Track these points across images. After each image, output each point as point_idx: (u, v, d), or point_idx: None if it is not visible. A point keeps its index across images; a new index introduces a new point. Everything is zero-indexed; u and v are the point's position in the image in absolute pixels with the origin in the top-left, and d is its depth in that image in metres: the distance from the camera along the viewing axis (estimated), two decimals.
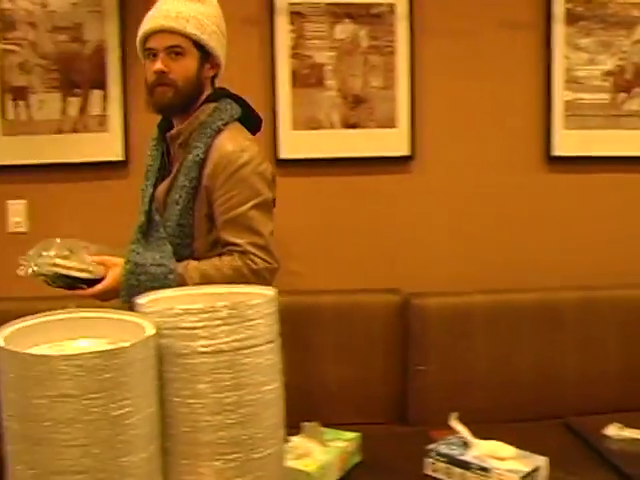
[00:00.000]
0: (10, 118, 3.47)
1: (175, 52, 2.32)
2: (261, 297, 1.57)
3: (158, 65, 2.31)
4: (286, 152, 3.50)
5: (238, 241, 2.32)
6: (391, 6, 3.50)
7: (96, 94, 3.47)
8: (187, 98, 2.37)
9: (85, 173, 3.51)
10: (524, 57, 3.60)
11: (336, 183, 3.56)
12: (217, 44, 2.44)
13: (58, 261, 2.24)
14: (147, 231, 2.39)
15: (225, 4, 3.31)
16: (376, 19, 3.51)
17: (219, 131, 2.36)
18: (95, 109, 3.47)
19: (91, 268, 2.28)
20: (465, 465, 2.06)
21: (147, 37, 2.34)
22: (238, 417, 1.51)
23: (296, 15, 3.47)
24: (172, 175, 2.38)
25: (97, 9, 3.43)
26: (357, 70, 3.51)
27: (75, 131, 3.48)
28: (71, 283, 2.24)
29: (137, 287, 2.19)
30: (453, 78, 3.56)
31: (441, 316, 3.37)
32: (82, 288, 2.25)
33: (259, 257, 2.34)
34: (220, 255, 2.33)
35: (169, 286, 2.10)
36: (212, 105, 2.42)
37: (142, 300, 1.59)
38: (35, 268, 2.21)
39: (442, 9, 3.53)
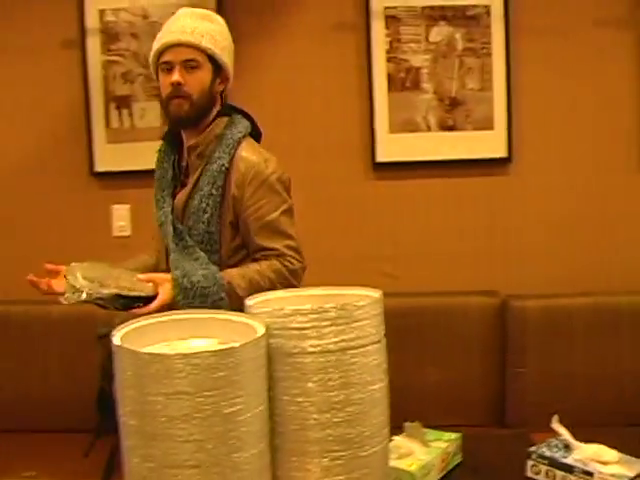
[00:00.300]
0: (114, 127, 3.61)
1: (191, 66, 2.38)
2: (368, 299, 1.60)
3: (175, 77, 2.36)
4: (383, 155, 3.54)
5: (274, 245, 2.42)
6: (486, 7, 3.50)
7: None
8: (201, 110, 2.43)
9: None
10: (623, 55, 3.54)
11: (433, 186, 3.57)
12: (228, 59, 2.48)
13: (111, 282, 2.23)
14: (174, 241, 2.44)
15: (322, 9, 3.40)
16: (472, 21, 3.51)
17: (239, 143, 2.44)
18: None
19: (141, 286, 2.28)
20: (567, 468, 2.05)
21: (162, 51, 2.40)
22: (345, 415, 1.54)
23: (392, 19, 3.50)
24: (192, 184, 2.44)
25: None
26: (453, 72, 3.52)
27: None
28: (127, 303, 2.23)
29: (191, 300, 2.27)
30: (550, 78, 3.53)
31: (539, 318, 3.36)
32: (139, 306, 2.24)
33: (295, 258, 2.44)
34: (255, 260, 2.43)
35: (219, 297, 2.28)
36: (225, 119, 2.49)
37: (251, 301, 1.63)
38: (89, 292, 2.16)
39: (538, 8, 3.51)
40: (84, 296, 2.14)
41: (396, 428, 2.10)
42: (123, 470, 1.49)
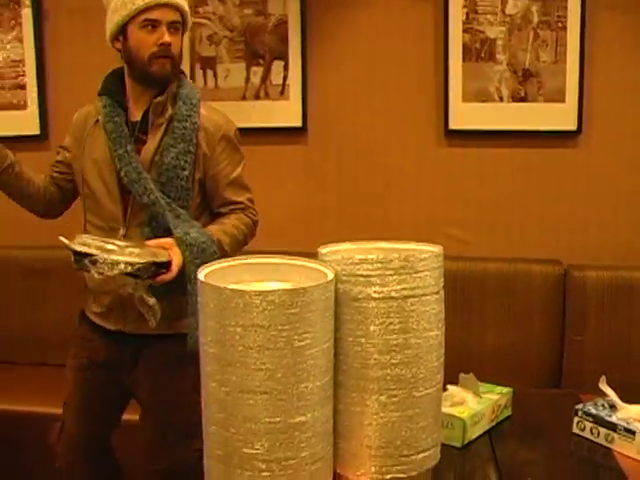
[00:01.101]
0: (199, 86, 3.74)
1: (175, 27, 2.42)
2: (429, 252, 1.74)
3: (167, 37, 2.38)
4: (456, 123, 3.64)
5: (240, 199, 2.59)
6: None
7: (278, 64, 3.73)
8: (178, 71, 2.50)
9: (266, 137, 3.76)
10: None
11: (503, 155, 3.67)
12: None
13: (136, 251, 2.26)
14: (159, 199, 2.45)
15: None
16: None
17: (198, 102, 2.53)
18: (277, 78, 3.74)
19: (158, 253, 2.31)
20: (611, 426, 2.17)
21: (147, 9, 2.36)
22: (403, 357, 1.69)
23: None
24: (157, 140, 2.46)
25: None
26: (527, 45, 3.59)
27: (258, 98, 3.76)
28: (155, 270, 2.26)
29: (195, 257, 2.36)
30: (624, 54, 3.57)
31: (600, 288, 3.44)
32: (164, 273, 2.30)
33: (254, 210, 2.66)
34: (222, 214, 2.58)
35: (213, 251, 2.40)
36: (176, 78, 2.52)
37: (323, 250, 1.79)
38: (128, 262, 2.18)
39: None
40: (122, 267, 2.17)
41: (453, 383, 2.25)
42: (202, 396, 1.67)
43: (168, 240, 2.36)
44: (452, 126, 3.65)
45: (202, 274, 1.65)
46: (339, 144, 3.76)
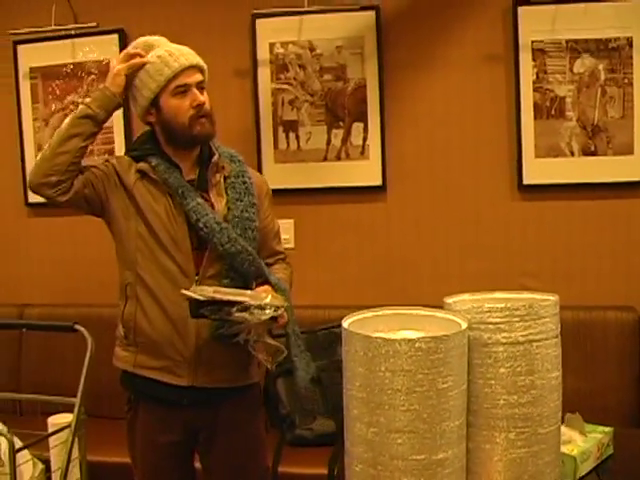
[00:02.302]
0: (282, 148, 3.99)
1: (202, 87, 2.48)
2: (550, 300, 1.90)
3: (202, 97, 2.45)
4: (529, 178, 3.81)
5: (282, 250, 2.78)
6: (628, 39, 3.73)
7: (357, 126, 3.94)
8: (215, 127, 2.53)
9: (347, 196, 3.97)
10: None
11: (575, 207, 3.82)
12: None
13: (261, 295, 2.34)
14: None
15: (474, 43, 3.73)
16: (614, 52, 3.75)
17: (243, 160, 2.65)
18: (357, 139, 3.95)
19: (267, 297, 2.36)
20: None
21: (175, 76, 2.42)
22: (529, 397, 1.84)
23: (538, 52, 3.77)
24: (224, 196, 2.53)
25: (359, 51, 3.90)
26: (595, 101, 3.76)
27: (339, 159, 3.96)
28: (278, 316, 2.35)
29: (288, 305, 2.48)
30: None
31: None
32: (281, 316, 2.39)
33: (288, 259, 2.81)
34: (271, 264, 2.68)
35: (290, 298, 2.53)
36: None
37: (450, 300, 1.95)
38: (269, 309, 2.27)
39: None
40: (270, 311, 2.27)
41: None
42: (346, 437, 1.83)
43: (267, 286, 2.46)
44: (526, 181, 3.82)
45: (346, 323, 1.82)
46: (417, 201, 3.94)
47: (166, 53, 2.44)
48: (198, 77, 2.47)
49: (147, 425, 2.59)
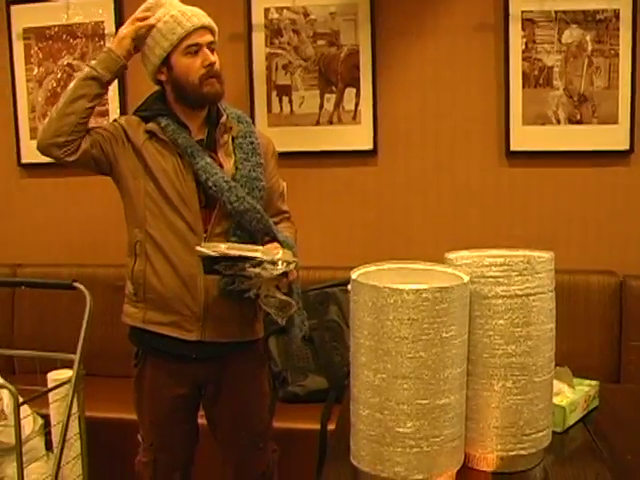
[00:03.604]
0: (275, 112, 4.06)
1: (212, 48, 2.53)
2: (544, 257, 2.00)
3: (212, 57, 2.50)
4: (517, 145, 3.91)
5: (287, 209, 2.86)
6: (616, 11, 3.82)
7: (350, 91, 4.02)
8: (224, 88, 2.59)
9: (339, 160, 4.06)
10: None
11: (561, 174, 3.93)
12: None
13: (273, 251, 2.41)
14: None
15: (465, 12, 3.81)
16: (601, 24, 3.84)
17: (251, 120, 2.72)
18: (349, 104, 4.02)
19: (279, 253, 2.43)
20: None
21: (187, 35, 2.46)
22: (526, 347, 1.94)
23: (528, 22, 3.86)
24: (231, 156, 2.59)
25: (352, 18, 3.97)
26: (582, 71, 3.86)
27: (331, 123, 4.04)
28: (289, 271, 2.42)
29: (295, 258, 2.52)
30: None
31: None
32: (292, 271, 2.45)
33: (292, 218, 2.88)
34: (277, 223, 2.73)
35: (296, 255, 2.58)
36: None
37: (452, 255, 2.05)
38: (281, 264, 2.35)
39: None
40: (282, 266, 2.35)
41: None
42: (353, 384, 1.92)
43: (276, 243, 2.53)
44: (513, 147, 3.92)
45: (355, 276, 1.91)
46: (407, 165, 4.03)
47: (179, 13, 2.48)
48: (209, 37, 2.51)
49: (155, 379, 2.66)
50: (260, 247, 2.43)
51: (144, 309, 2.61)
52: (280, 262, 2.33)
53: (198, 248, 2.36)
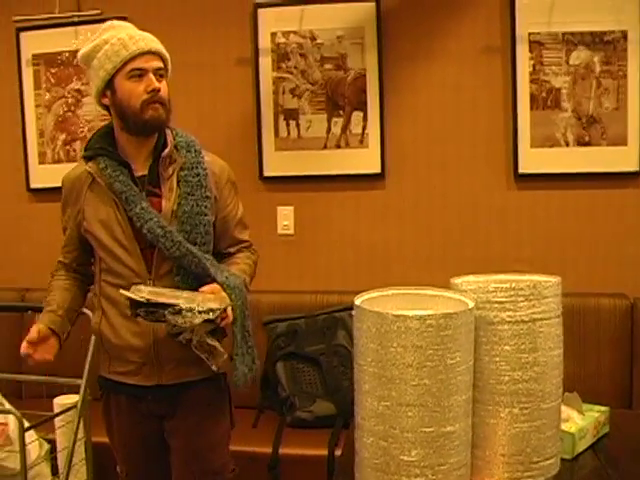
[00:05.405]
0: (282, 136, 4.06)
1: (160, 74, 2.42)
2: (550, 281, 1.98)
3: (156, 83, 2.39)
4: (525, 167, 3.90)
5: (246, 238, 2.71)
6: (623, 32, 3.81)
7: (357, 115, 4.01)
8: (169, 117, 2.47)
9: (347, 184, 4.05)
10: None
11: (569, 196, 3.90)
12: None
13: (200, 297, 2.32)
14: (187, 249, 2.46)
15: (472, 35, 3.81)
16: (609, 45, 3.83)
17: (200, 149, 2.57)
18: (356, 128, 4.02)
19: (214, 299, 2.35)
20: None
21: (131, 59, 2.38)
22: (532, 374, 1.92)
23: (535, 44, 3.85)
24: (174, 191, 2.47)
25: (359, 41, 3.97)
26: (590, 93, 3.84)
27: (338, 147, 4.04)
28: (215, 318, 2.30)
29: (238, 299, 2.45)
30: None
31: None
32: (222, 319, 2.34)
33: (254, 246, 2.76)
34: (231, 254, 2.66)
35: (244, 292, 2.49)
36: (168, 129, 2.55)
37: (457, 280, 2.03)
38: (204, 313, 2.24)
39: None
40: (205, 315, 2.24)
41: None
42: (356, 411, 1.90)
43: (216, 285, 2.41)
44: (521, 170, 3.90)
45: (359, 301, 1.89)
46: (415, 188, 4.02)
47: (126, 36, 2.39)
48: (156, 64, 2.42)
49: (119, 415, 2.63)
50: (185, 293, 2.35)
51: (108, 359, 2.59)
52: (206, 311, 2.24)
53: (122, 291, 2.30)
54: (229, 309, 2.38)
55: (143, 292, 2.27)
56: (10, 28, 4.30)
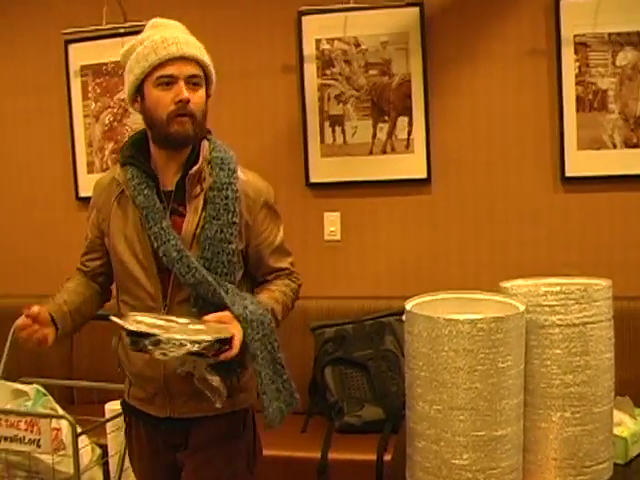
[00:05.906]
0: (328, 142, 4.08)
1: (194, 82, 2.20)
2: (602, 284, 1.97)
3: (185, 94, 2.16)
4: (572, 170, 3.87)
5: (285, 265, 2.43)
6: None
7: (402, 120, 4.02)
8: (200, 131, 2.26)
9: (392, 189, 4.06)
10: None
11: (618, 198, 3.87)
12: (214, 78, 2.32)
13: (198, 327, 2.12)
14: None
15: (517, 37, 3.80)
16: None
17: (236, 167, 2.31)
18: (402, 133, 4.03)
19: (217, 328, 2.14)
20: None
21: (160, 65, 2.17)
22: (584, 377, 1.91)
23: (580, 45, 3.82)
24: (198, 213, 2.26)
25: (403, 47, 3.98)
26: (638, 94, 3.81)
27: (384, 152, 4.05)
28: (218, 347, 2.07)
29: (256, 330, 2.20)
30: None
31: None
32: (227, 349, 2.09)
33: (297, 273, 2.49)
34: (268, 282, 2.42)
35: (269, 322, 2.24)
36: (205, 141, 2.33)
37: (507, 284, 2.03)
38: (188, 345, 1.99)
39: None
40: (188, 347, 2.00)
41: None
42: (408, 415, 1.91)
43: (227, 314, 2.17)
44: (568, 173, 3.87)
45: (409, 306, 1.90)
46: (461, 192, 4.02)
47: (160, 39, 2.18)
48: (190, 70, 2.19)
49: (138, 441, 2.51)
50: (180, 321, 2.14)
51: (129, 383, 2.47)
52: (189, 343, 2.00)
53: (112, 318, 2.08)
54: (236, 342, 2.11)
55: (130, 319, 2.07)
56: (59, 40, 4.36)
